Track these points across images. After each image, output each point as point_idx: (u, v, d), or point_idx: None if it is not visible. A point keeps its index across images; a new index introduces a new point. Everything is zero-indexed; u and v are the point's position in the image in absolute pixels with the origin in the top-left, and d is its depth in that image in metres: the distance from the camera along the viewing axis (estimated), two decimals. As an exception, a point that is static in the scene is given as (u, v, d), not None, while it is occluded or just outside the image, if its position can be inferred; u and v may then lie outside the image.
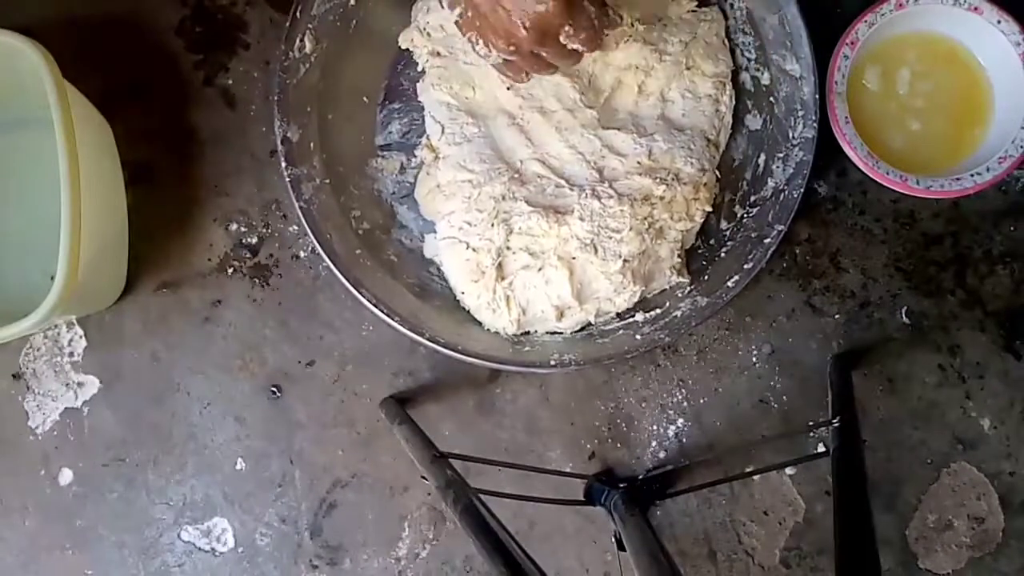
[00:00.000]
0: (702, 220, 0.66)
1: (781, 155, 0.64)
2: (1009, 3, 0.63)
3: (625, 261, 0.62)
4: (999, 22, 0.63)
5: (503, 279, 0.63)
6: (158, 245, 0.73)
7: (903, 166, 0.64)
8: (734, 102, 0.67)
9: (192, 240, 0.73)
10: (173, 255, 0.73)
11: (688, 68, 0.66)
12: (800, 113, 0.63)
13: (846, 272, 0.71)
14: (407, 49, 0.69)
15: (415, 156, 0.69)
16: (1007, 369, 0.70)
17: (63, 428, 0.73)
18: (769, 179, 0.65)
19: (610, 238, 0.62)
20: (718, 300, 0.61)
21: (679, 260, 0.65)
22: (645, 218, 0.63)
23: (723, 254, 0.65)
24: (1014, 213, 0.70)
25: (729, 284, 0.61)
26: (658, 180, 0.63)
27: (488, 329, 0.65)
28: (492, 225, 0.63)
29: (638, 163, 0.64)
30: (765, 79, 0.66)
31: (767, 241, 0.61)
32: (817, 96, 0.62)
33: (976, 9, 0.63)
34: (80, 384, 0.73)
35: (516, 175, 0.64)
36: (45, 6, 0.74)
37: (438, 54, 0.66)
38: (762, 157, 0.66)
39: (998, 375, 0.70)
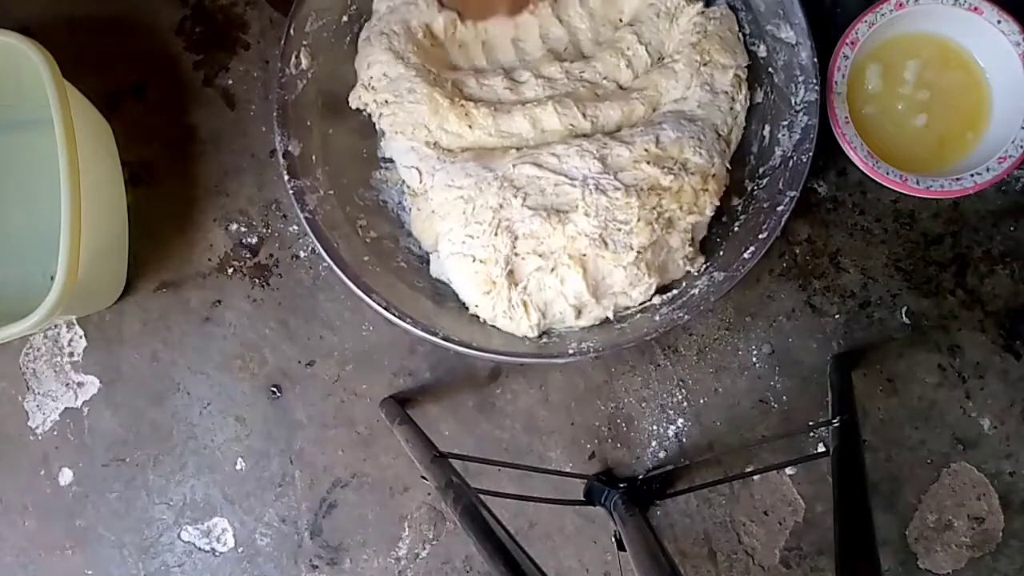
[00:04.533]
0: (712, 214, 0.65)
1: (785, 122, 0.64)
2: (1009, 3, 0.63)
3: (638, 252, 0.61)
4: (999, 22, 0.63)
5: (516, 284, 0.62)
6: (158, 245, 0.73)
7: (903, 166, 0.64)
8: (748, 103, 0.67)
9: (192, 240, 0.73)
10: (173, 255, 0.73)
11: (706, 64, 0.65)
12: (800, 78, 0.63)
13: (846, 272, 0.71)
14: None
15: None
16: (1007, 369, 0.70)
17: (63, 428, 0.73)
18: (776, 148, 0.64)
19: (619, 230, 0.61)
20: (735, 273, 0.60)
21: (691, 249, 0.64)
22: (654, 208, 0.61)
23: (736, 228, 0.64)
24: (1014, 213, 0.70)
25: (745, 256, 0.60)
26: (665, 170, 0.62)
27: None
28: (496, 234, 0.62)
29: (645, 151, 0.62)
30: (762, 51, 0.66)
31: (780, 208, 0.61)
32: (815, 60, 0.62)
33: (976, 9, 0.63)
34: (80, 384, 0.73)
35: (507, 182, 0.62)
36: (45, 6, 0.74)
37: (387, 102, 0.65)
38: (767, 128, 0.66)
39: (998, 375, 0.70)
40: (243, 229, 0.73)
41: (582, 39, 0.69)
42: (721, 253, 0.64)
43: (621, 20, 0.69)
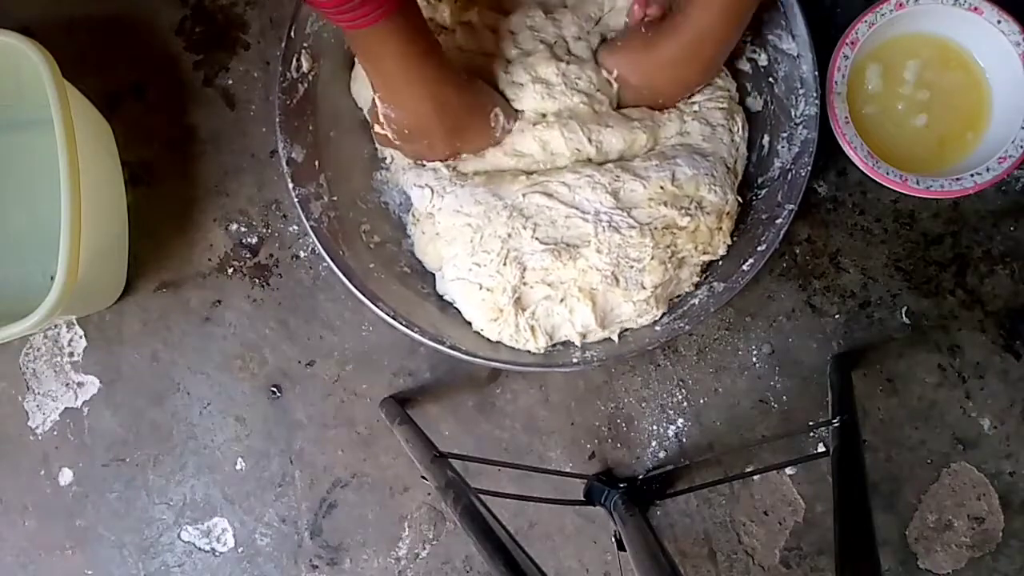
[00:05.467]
0: (725, 253, 0.64)
1: (785, 134, 0.64)
2: (1009, 3, 0.63)
3: (651, 291, 0.61)
4: (999, 22, 0.63)
5: (524, 311, 0.62)
6: (158, 245, 0.73)
7: (903, 166, 0.64)
8: (747, 132, 0.66)
9: (192, 240, 0.73)
10: (173, 255, 0.73)
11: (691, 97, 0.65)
12: (801, 91, 0.63)
13: (846, 272, 0.71)
14: None
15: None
16: (1007, 369, 0.70)
17: (63, 428, 0.73)
18: (775, 160, 0.64)
19: (631, 267, 0.60)
20: (735, 284, 0.60)
21: (698, 279, 0.64)
22: (668, 247, 0.61)
23: (735, 237, 0.64)
24: (1014, 213, 0.70)
25: (744, 268, 0.61)
26: (682, 211, 0.61)
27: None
28: (504, 263, 0.61)
29: (661, 188, 0.61)
30: (763, 60, 0.66)
31: (779, 221, 0.61)
32: (816, 73, 0.61)
33: (976, 9, 0.63)
34: (80, 384, 0.73)
35: (516, 211, 0.61)
36: (45, 6, 0.74)
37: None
38: (766, 138, 0.66)
39: (998, 375, 0.70)
40: (243, 229, 0.73)
41: (568, 35, 0.67)
42: (720, 263, 0.64)
43: (600, 12, 0.67)
